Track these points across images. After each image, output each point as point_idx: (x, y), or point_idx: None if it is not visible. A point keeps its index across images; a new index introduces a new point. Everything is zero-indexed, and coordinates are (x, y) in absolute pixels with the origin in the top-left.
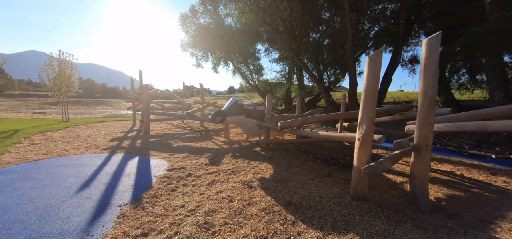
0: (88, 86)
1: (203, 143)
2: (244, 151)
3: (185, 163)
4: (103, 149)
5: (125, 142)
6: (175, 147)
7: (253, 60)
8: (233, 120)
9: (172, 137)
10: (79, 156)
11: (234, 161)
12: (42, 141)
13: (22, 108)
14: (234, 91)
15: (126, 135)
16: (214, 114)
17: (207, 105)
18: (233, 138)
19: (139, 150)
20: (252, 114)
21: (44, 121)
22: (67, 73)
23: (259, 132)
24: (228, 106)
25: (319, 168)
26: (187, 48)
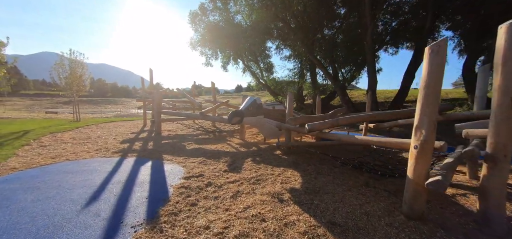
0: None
1: (218, 145)
2: (264, 155)
3: (202, 169)
4: (114, 152)
5: (136, 144)
6: (189, 150)
7: (263, 58)
8: (251, 121)
9: (185, 138)
10: (89, 161)
11: (256, 167)
12: (52, 142)
13: (36, 108)
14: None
15: (137, 136)
16: (231, 115)
17: (219, 105)
18: (249, 139)
19: (151, 153)
20: (271, 114)
21: (55, 121)
22: (78, 73)
23: (278, 134)
24: (245, 106)
25: (352, 175)
26: (197, 46)
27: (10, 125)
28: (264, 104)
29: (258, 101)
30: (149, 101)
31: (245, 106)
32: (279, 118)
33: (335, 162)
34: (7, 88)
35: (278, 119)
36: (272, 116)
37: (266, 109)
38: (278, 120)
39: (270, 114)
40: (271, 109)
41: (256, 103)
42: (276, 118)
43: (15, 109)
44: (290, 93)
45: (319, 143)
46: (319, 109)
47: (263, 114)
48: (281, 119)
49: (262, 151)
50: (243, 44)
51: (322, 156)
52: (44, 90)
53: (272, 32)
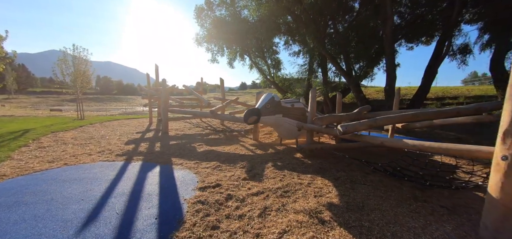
0: (105, 83)
1: (231, 147)
2: (285, 159)
3: (218, 176)
4: (118, 155)
5: (142, 145)
6: (200, 152)
7: (270, 54)
8: (268, 120)
9: (194, 138)
10: (89, 166)
11: (279, 174)
12: (52, 143)
13: (42, 105)
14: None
15: (143, 136)
16: (247, 114)
17: (229, 102)
18: (263, 139)
19: (159, 156)
20: (290, 113)
21: (58, 119)
22: (82, 69)
23: (296, 135)
24: (262, 103)
25: (392, 185)
26: (202, 42)
27: (11, 123)
28: (282, 102)
29: (276, 99)
30: (155, 98)
31: (262, 104)
32: (299, 117)
33: (366, 168)
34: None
35: (297, 118)
36: (291, 115)
37: (284, 107)
38: (297, 119)
39: (288, 112)
40: (290, 107)
41: (274, 101)
42: (296, 117)
43: (21, 106)
44: (313, 89)
45: (343, 145)
46: (339, 107)
47: (282, 112)
48: (301, 118)
49: (281, 154)
50: (250, 40)
51: (347, 160)
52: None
53: (280, 28)
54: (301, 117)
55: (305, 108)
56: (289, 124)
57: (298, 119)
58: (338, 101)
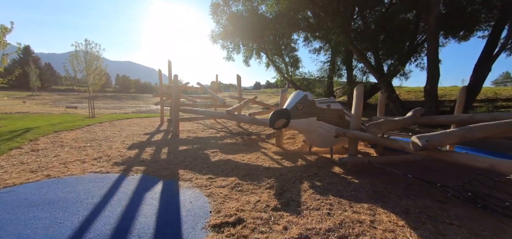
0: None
1: (252, 155)
2: (323, 176)
3: (239, 203)
4: (115, 164)
5: (147, 150)
6: (215, 162)
7: (288, 52)
8: (299, 125)
9: (207, 142)
10: (75, 180)
11: (323, 201)
12: (48, 145)
13: (62, 103)
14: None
15: (150, 139)
16: (273, 116)
17: (247, 101)
18: (287, 146)
19: (164, 167)
20: (326, 115)
21: (69, 117)
22: (93, 66)
23: (332, 142)
24: (292, 103)
25: (490, 224)
26: (218, 39)
27: (20, 121)
28: (317, 101)
29: (309, 97)
30: (167, 97)
31: (292, 103)
32: (336, 121)
33: (432, 190)
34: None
35: (334, 122)
36: (327, 118)
37: (319, 109)
38: (334, 123)
39: (324, 115)
40: (326, 109)
41: (307, 100)
42: (332, 121)
43: (42, 103)
44: (359, 86)
45: (393, 158)
46: (382, 109)
47: (316, 115)
48: (339, 122)
49: (315, 167)
50: (267, 37)
51: (402, 177)
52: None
53: (299, 24)
54: (339, 121)
55: (343, 110)
56: (325, 129)
57: (336, 124)
58: (381, 102)
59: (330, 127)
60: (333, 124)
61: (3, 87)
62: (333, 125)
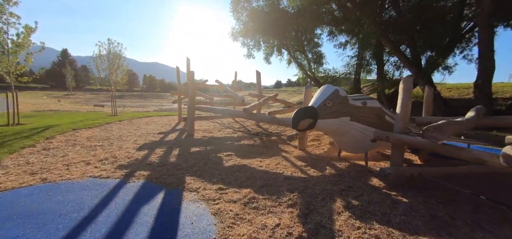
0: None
1: (271, 160)
2: (360, 191)
3: (252, 227)
4: (119, 167)
5: (157, 151)
6: (228, 168)
7: (311, 48)
8: (328, 126)
9: (222, 144)
10: (70, 186)
11: (367, 230)
12: (60, 144)
13: (93, 101)
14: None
15: (163, 138)
16: (297, 115)
17: (267, 99)
18: (311, 149)
19: (171, 172)
20: (361, 115)
21: (93, 115)
22: (115, 64)
23: (367, 148)
24: (320, 100)
25: None
26: (238, 37)
27: (46, 118)
28: (350, 98)
29: (341, 93)
30: (185, 95)
31: (320, 100)
32: (374, 122)
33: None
34: (72, 83)
35: (371, 123)
36: (362, 118)
37: (353, 107)
38: (371, 124)
39: (359, 114)
40: (361, 107)
41: (338, 96)
42: (369, 122)
43: (75, 102)
44: (407, 78)
45: (443, 170)
46: (429, 106)
47: (349, 114)
48: (377, 123)
49: (348, 178)
50: (289, 32)
51: (469, 196)
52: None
53: (323, 18)
54: (378, 122)
55: (382, 108)
56: (360, 132)
57: (373, 125)
58: (427, 99)
59: (366, 129)
60: (369, 126)
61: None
62: (370, 126)
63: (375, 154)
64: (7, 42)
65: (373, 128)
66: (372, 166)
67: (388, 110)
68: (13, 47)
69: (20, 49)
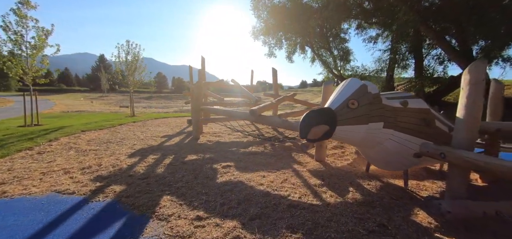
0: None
1: (276, 174)
2: (400, 233)
3: None
4: (95, 179)
5: (148, 159)
6: (219, 185)
7: (337, 44)
8: (352, 134)
9: (226, 150)
10: (23, 203)
11: None
12: (57, 147)
13: (123, 102)
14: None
15: (163, 143)
16: (307, 120)
17: (283, 99)
18: (332, 158)
19: (147, 190)
20: (400, 120)
21: (111, 116)
22: (133, 66)
23: (409, 164)
24: (341, 99)
25: None
26: (259, 36)
27: (64, 119)
28: (384, 97)
29: (371, 89)
30: None
31: (341, 99)
32: (419, 129)
33: None
34: (106, 85)
35: (415, 131)
36: (402, 124)
37: (389, 108)
38: (414, 133)
39: (397, 118)
40: (400, 108)
41: (366, 94)
42: (412, 129)
43: (106, 103)
44: (477, 64)
45: None
46: (497, 109)
47: (383, 119)
48: (424, 131)
49: (379, 206)
50: (312, 28)
51: None
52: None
53: (350, 11)
54: (424, 130)
55: (430, 110)
56: (398, 143)
57: (417, 133)
58: (495, 96)
59: (407, 139)
60: (412, 134)
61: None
62: (413, 135)
63: (417, 168)
64: (26, 44)
65: (417, 138)
66: (414, 188)
67: (437, 112)
68: (31, 49)
69: (37, 52)
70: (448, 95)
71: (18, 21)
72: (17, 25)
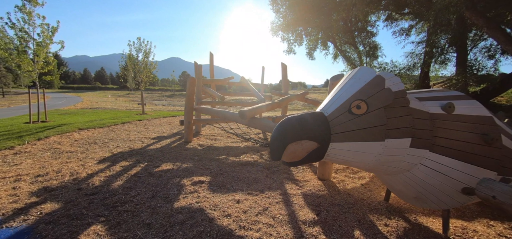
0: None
1: (258, 198)
2: None
3: None
4: (34, 193)
5: (115, 167)
6: (175, 210)
7: (363, 38)
8: (358, 156)
9: (213, 159)
10: None
11: None
12: (38, 147)
13: (147, 100)
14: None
15: (149, 145)
16: (281, 130)
17: (288, 99)
18: (339, 177)
19: (78, 214)
20: (442, 134)
21: (121, 113)
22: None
23: (454, 202)
24: (342, 98)
25: None
26: (278, 31)
27: (73, 116)
28: (412, 97)
29: (391, 84)
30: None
31: (341, 99)
32: (476, 152)
33: None
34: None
35: (468, 152)
36: (446, 142)
37: (421, 115)
38: (468, 157)
39: (435, 132)
40: (441, 114)
41: (381, 90)
42: (461, 151)
43: (130, 100)
44: None
45: None
46: None
47: (412, 132)
48: (485, 153)
49: None
50: (335, 22)
51: None
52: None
53: (379, 0)
54: (484, 151)
55: (493, 118)
56: (437, 172)
57: (475, 158)
58: None
59: (453, 166)
60: (461, 159)
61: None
62: (463, 161)
63: None
64: (32, 42)
65: (470, 164)
66: (459, 234)
67: (503, 121)
68: (37, 48)
69: (43, 49)
70: (500, 96)
71: (24, 18)
72: (24, 22)
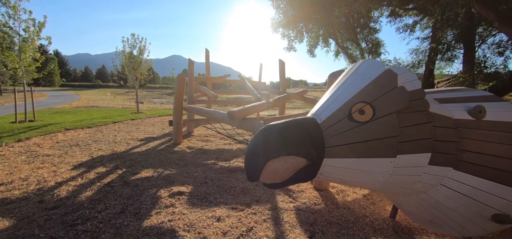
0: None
1: (247, 213)
2: None
3: None
4: (1, 208)
5: (90, 174)
6: (142, 232)
7: (366, 35)
8: (359, 176)
9: (199, 164)
10: None
11: None
12: (11, 152)
13: (146, 98)
14: None
15: (134, 148)
16: (258, 143)
17: (286, 99)
18: (339, 187)
19: (36, 232)
20: (471, 146)
21: (114, 112)
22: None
23: (480, 230)
24: (341, 100)
25: None
26: (278, 28)
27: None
28: (431, 96)
29: (405, 81)
30: (199, 91)
31: (336, 102)
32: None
33: None
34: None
35: (509, 173)
36: (474, 157)
37: (443, 120)
38: (504, 178)
39: (462, 145)
40: (467, 121)
41: (392, 89)
42: (499, 169)
43: (128, 98)
44: None
45: None
46: None
47: (431, 146)
48: None
49: None
50: (337, 18)
51: None
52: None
53: None
54: None
55: None
56: (462, 194)
57: (508, 178)
58: None
59: (482, 187)
60: (493, 179)
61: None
62: (496, 181)
63: None
64: (18, 38)
65: (507, 186)
66: None
67: None
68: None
69: (30, 44)
70: (509, 95)
71: (8, 13)
72: (8, 17)
